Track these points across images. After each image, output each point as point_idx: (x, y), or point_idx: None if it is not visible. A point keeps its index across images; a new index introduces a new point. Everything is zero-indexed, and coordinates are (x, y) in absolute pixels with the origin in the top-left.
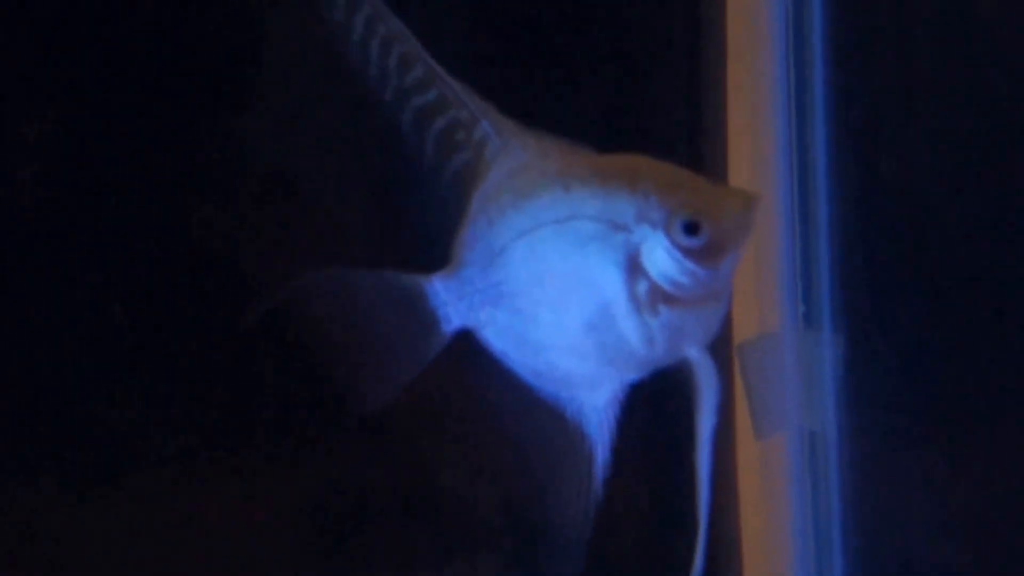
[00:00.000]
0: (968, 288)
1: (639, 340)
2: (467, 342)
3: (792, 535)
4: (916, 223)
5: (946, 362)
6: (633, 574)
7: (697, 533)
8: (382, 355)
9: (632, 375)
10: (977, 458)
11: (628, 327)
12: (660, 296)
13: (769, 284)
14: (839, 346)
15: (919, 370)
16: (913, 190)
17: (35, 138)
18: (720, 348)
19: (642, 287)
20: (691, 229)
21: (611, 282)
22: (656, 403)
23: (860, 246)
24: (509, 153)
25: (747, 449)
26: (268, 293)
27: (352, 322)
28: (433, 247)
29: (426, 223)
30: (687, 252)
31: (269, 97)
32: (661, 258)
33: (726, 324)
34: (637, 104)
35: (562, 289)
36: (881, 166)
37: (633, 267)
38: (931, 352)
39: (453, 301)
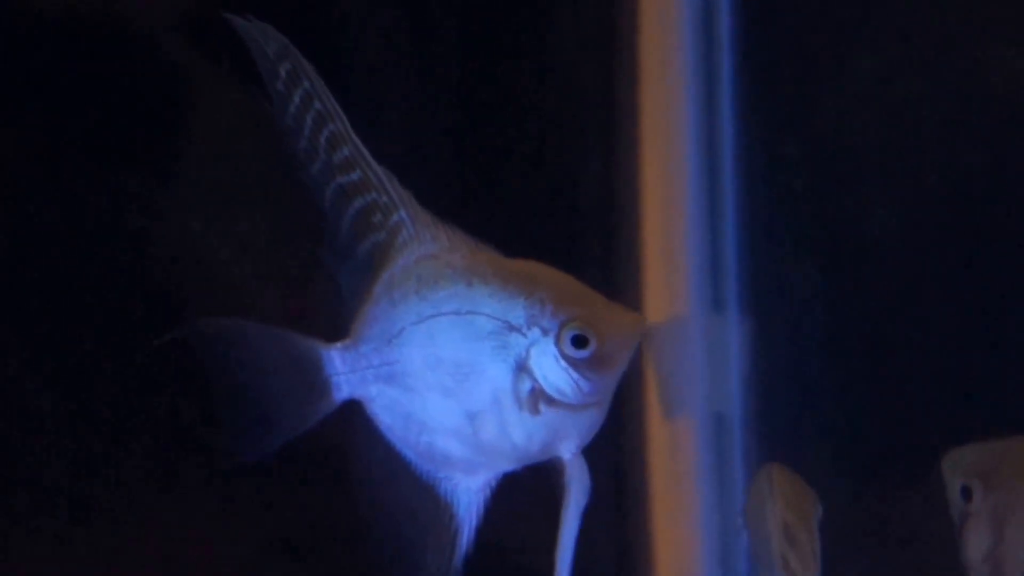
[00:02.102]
0: (873, 268)
1: (518, 435)
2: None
3: (701, 513)
4: (820, 207)
5: (849, 341)
6: None
7: None
8: (268, 410)
9: (507, 466)
10: (881, 437)
11: (509, 421)
12: (543, 397)
13: (678, 269)
14: (745, 329)
15: (823, 351)
16: (818, 174)
17: None
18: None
19: (526, 387)
20: (579, 342)
21: (498, 377)
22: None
23: (766, 230)
24: (420, 242)
25: (657, 429)
26: (166, 331)
27: (244, 372)
28: (334, 318)
29: (331, 294)
30: (572, 362)
31: (194, 158)
32: (548, 364)
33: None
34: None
35: (452, 376)
36: (786, 151)
37: (521, 367)
38: (835, 333)
39: (347, 372)
